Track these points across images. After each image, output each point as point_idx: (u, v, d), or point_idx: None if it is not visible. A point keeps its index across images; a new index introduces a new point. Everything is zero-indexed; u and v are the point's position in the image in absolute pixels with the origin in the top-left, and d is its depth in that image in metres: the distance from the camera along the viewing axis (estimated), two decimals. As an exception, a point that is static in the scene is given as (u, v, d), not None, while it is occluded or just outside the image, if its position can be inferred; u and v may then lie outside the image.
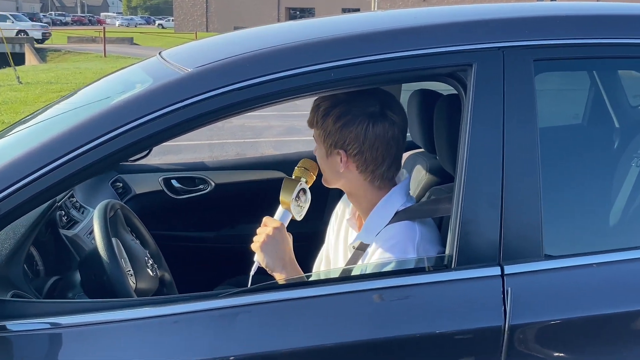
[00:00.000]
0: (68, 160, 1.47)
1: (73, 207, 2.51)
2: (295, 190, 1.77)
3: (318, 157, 1.83)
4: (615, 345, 1.57)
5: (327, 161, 1.79)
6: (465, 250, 1.54)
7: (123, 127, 1.49)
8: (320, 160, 1.83)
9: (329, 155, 1.78)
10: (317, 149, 1.82)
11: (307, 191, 1.81)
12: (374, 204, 1.80)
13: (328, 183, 1.85)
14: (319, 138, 1.78)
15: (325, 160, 1.80)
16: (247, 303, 1.53)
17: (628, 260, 1.62)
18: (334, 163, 1.77)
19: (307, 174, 1.84)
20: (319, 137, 1.79)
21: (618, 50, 1.66)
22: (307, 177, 1.84)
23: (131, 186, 3.05)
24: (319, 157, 1.82)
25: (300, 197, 1.78)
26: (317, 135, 1.79)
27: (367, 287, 1.55)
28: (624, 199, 1.86)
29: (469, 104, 1.55)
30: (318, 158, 1.83)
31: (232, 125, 9.76)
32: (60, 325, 1.49)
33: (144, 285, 1.99)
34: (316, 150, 1.83)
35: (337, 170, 1.77)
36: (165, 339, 1.50)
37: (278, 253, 1.73)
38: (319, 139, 1.79)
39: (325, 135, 1.75)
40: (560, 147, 1.92)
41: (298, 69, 1.54)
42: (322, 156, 1.80)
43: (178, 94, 1.52)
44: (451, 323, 1.52)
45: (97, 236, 1.88)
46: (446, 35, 1.62)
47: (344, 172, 1.77)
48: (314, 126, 1.79)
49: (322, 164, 1.82)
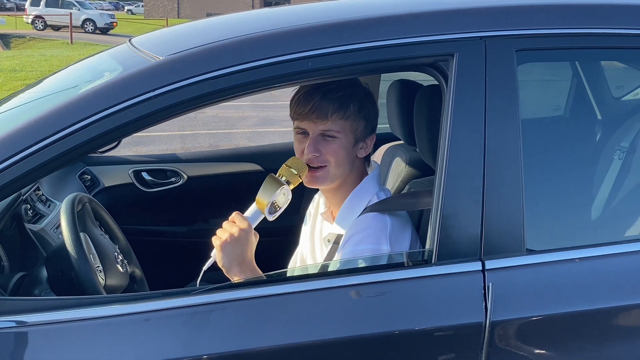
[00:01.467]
0: (33, 152, 1.44)
1: (39, 200, 2.48)
2: (276, 193, 1.64)
3: (340, 148, 1.74)
4: (597, 341, 1.57)
5: (352, 150, 1.76)
6: (445, 244, 1.53)
7: (91, 117, 1.45)
8: (343, 152, 1.74)
9: (357, 142, 1.77)
10: (335, 142, 1.73)
11: (288, 194, 1.67)
12: (349, 192, 1.79)
13: (332, 180, 1.77)
14: (356, 126, 1.75)
15: (350, 149, 1.76)
16: (221, 300, 1.50)
17: (610, 255, 1.61)
18: (355, 151, 1.78)
19: (292, 176, 1.70)
20: (355, 126, 1.74)
21: (601, 40, 1.65)
22: (292, 179, 1.70)
23: (100, 179, 3.01)
24: (343, 148, 1.74)
25: (279, 200, 1.65)
26: (351, 124, 1.74)
27: (345, 283, 1.53)
28: (606, 193, 1.87)
29: (450, 95, 1.54)
30: (340, 149, 1.74)
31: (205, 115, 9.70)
32: (26, 324, 1.46)
33: (113, 281, 1.96)
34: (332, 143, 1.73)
35: (354, 158, 1.78)
36: (136, 337, 1.47)
37: (238, 256, 1.60)
38: (355, 127, 1.75)
39: (365, 122, 1.76)
40: (542, 139, 1.92)
41: (275, 57, 1.51)
42: (349, 145, 1.75)
43: (149, 83, 1.48)
44: (431, 319, 1.51)
45: (65, 231, 1.84)
46: (427, 24, 1.60)
47: (359, 158, 1.79)
48: (350, 115, 1.73)
49: (345, 156, 1.75)
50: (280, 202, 1.65)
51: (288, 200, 1.67)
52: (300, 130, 1.77)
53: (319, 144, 1.74)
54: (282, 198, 1.65)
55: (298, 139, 1.78)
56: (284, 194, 1.66)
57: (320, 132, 1.74)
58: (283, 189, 1.65)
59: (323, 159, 1.74)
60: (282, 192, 1.65)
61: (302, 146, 1.76)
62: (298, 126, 1.77)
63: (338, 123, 1.73)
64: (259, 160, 3.09)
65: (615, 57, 1.99)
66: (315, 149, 1.73)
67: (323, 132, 1.73)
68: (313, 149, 1.73)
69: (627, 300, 1.57)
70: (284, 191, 1.65)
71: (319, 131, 1.73)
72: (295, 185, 1.71)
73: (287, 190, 1.66)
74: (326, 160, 1.74)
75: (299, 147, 1.77)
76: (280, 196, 1.65)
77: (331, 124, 1.72)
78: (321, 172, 1.75)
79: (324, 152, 1.73)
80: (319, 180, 1.76)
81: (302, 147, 1.75)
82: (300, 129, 1.77)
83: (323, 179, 1.76)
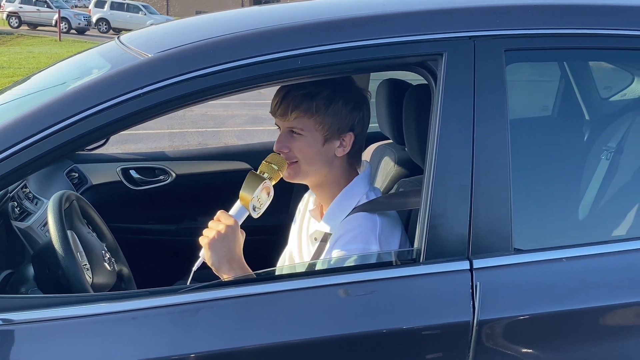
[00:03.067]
0: (21, 149, 1.43)
1: (26, 197, 2.46)
2: (258, 189, 1.65)
3: (306, 145, 1.73)
4: (584, 340, 1.57)
5: (322, 149, 1.74)
6: (433, 244, 1.52)
7: (80, 114, 1.44)
8: (310, 150, 1.73)
9: (328, 140, 1.74)
10: (300, 139, 1.73)
11: (270, 190, 1.69)
12: (339, 191, 1.79)
13: (305, 175, 1.77)
14: (320, 124, 1.72)
15: (320, 148, 1.74)
16: (210, 298, 1.49)
17: (597, 254, 1.62)
18: (331, 149, 1.75)
19: (273, 172, 1.71)
20: (319, 124, 1.72)
21: (589, 41, 1.65)
22: (273, 174, 1.71)
23: (87, 176, 3.00)
24: (309, 146, 1.73)
25: (262, 195, 1.66)
26: (315, 123, 1.72)
27: (333, 282, 1.53)
28: (593, 192, 1.87)
29: (439, 95, 1.54)
30: (306, 147, 1.73)
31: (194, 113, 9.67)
32: (12, 322, 1.45)
33: (100, 280, 1.94)
34: (298, 141, 1.73)
35: (331, 157, 1.75)
36: (124, 336, 1.46)
37: (226, 253, 1.61)
38: (320, 125, 1.72)
39: (332, 120, 1.73)
40: (531, 139, 1.92)
41: (264, 55, 1.50)
42: (317, 144, 1.73)
43: (138, 81, 1.47)
44: (419, 318, 1.51)
45: (52, 228, 1.83)
46: (416, 23, 1.60)
47: (338, 157, 1.77)
48: (312, 114, 1.71)
49: (313, 154, 1.74)
50: (262, 198, 1.66)
51: (271, 196, 1.68)
52: (277, 126, 1.80)
53: (287, 140, 1.75)
54: (265, 194, 1.67)
55: (278, 134, 1.80)
56: (267, 190, 1.67)
57: (286, 128, 1.75)
58: (265, 184, 1.66)
59: (292, 155, 1.75)
60: (264, 187, 1.66)
61: None
62: (275, 122, 1.80)
63: (300, 120, 1.72)
64: (247, 158, 3.08)
65: (604, 57, 1.99)
66: (282, 145, 1.75)
67: (289, 128, 1.74)
68: (280, 145, 1.75)
69: (613, 299, 1.58)
70: (266, 186, 1.66)
71: (286, 127, 1.75)
72: (276, 180, 1.72)
73: (269, 185, 1.68)
74: (295, 157, 1.75)
75: None
76: (262, 192, 1.66)
77: (294, 121, 1.72)
78: (292, 167, 1.76)
79: (292, 148, 1.74)
80: (292, 176, 1.77)
81: None
82: (277, 125, 1.80)
83: (295, 174, 1.77)
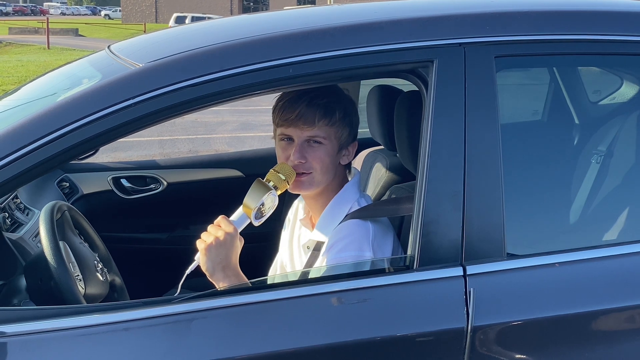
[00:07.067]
0: (12, 160, 1.42)
1: (17, 208, 2.45)
2: (263, 199, 1.63)
3: (326, 154, 1.73)
4: (577, 345, 1.57)
5: (335, 158, 1.77)
6: (427, 250, 1.53)
7: (71, 125, 1.44)
8: (328, 158, 1.74)
9: (341, 149, 1.78)
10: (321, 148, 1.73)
11: (275, 200, 1.66)
12: (330, 199, 1.78)
13: (318, 186, 1.76)
14: (341, 133, 1.75)
15: (335, 157, 1.76)
16: (203, 308, 1.49)
17: (589, 259, 1.62)
18: (339, 158, 1.78)
19: (280, 182, 1.69)
20: (340, 132, 1.75)
21: (578, 46, 1.66)
22: (279, 184, 1.69)
23: (78, 186, 2.98)
24: (328, 155, 1.74)
25: (266, 205, 1.64)
26: (336, 131, 1.74)
27: (327, 290, 1.53)
28: (584, 197, 1.88)
29: (430, 101, 1.54)
30: (325, 156, 1.73)
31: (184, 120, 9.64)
32: (4, 334, 1.43)
33: (93, 290, 1.93)
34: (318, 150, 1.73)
35: (338, 164, 1.79)
36: (116, 347, 1.45)
37: (222, 260, 1.58)
38: (340, 133, 1.75)
39: (349, 129, 1.77)
40: (521, 144, 1.92)
41: (255, 64, 1.50)
42: (334, 152, 1.75)
43: (129, 91, 1.47)
44: (413, 325, 1.51)
45: (44, 239, 1.82)
46: (407, 30, 1.61)
47: (340, 165, 1.79)
48: (335, 122, 1.73)
49: (330, 163, 1.75)
50: (267, 207, 1.64)
51: (274, 206, 1.66)
52: (285, 137, 1.75)
53: (305, 150, 1.73)
54: (269, 203, 1.64)
55: (282, 145, 1.76)
56: (271, 200, 1.65)
57: (306, 138, 1.73)
58: (270, 194, 1.64)
59: (308, 165, 1.73)
60: (270, 197, 1.64)
61: (286, 153, 1.74)
62: (283, 133, 1.75)
63: (324, 129, 1.72)
64: (239, 166, 3.08)
65: (592, 62, 2.00)
66: (301, 155, 1.72)
67: (309, 137, 1.73)
68: (299, 155, 1.72)
69: (606, 304, 1.58)
70: (271, 196, 1.65)
71: (305, 137, 1.73)
72: (282, 191, 1.70)
73: (275, 195, 1.66)
74: (312, 167, 1.74)
75: (283, 154, 1.75)
76: (267, 201, 1.64)
77: (317, 129, 1.72)
78: (306, 178, 1.74)
79: (310, 158, 1.73)
80: (304, 186, 1.75)
81: (286, 154, 1.74)
82: (284, 136, 1.75)
83: (308, 185, 1.75)
